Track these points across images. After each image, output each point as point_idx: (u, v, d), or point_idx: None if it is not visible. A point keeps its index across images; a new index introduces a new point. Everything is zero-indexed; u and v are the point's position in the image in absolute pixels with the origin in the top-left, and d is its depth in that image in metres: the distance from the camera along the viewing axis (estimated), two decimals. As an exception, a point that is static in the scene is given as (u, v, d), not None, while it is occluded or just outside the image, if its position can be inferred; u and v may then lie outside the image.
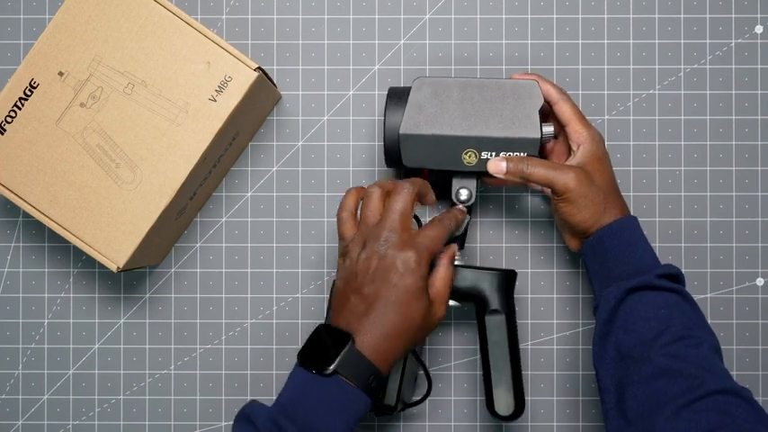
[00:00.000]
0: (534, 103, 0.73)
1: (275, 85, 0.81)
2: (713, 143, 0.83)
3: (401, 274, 0.65)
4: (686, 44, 0.83)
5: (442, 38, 0.83)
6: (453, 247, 0.71)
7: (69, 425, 0.83)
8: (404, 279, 0.65)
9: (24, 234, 0.84)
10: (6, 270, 0.84)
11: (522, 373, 0.78)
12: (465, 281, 0.74)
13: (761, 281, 0.82)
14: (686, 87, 0.83)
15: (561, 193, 0.71)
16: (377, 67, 0.83)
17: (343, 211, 0.70)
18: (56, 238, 0.83)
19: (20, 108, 0.72)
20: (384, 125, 0.74)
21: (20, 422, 0.83)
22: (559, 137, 0.78)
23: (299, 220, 0.83)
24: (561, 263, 0.83)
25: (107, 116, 0.72)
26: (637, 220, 0.72)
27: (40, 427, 0.83)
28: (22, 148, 0.72)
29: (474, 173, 0.75)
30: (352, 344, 0.63)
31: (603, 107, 0.83)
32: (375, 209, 0.68)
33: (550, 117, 0.76)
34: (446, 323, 0.83)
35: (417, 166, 0.74)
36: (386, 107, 0.75)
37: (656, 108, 0.83)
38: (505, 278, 0.74)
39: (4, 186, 0.72)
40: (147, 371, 0.83)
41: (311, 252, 0.83)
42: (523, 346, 0.83)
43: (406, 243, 0.66)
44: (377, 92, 0.83)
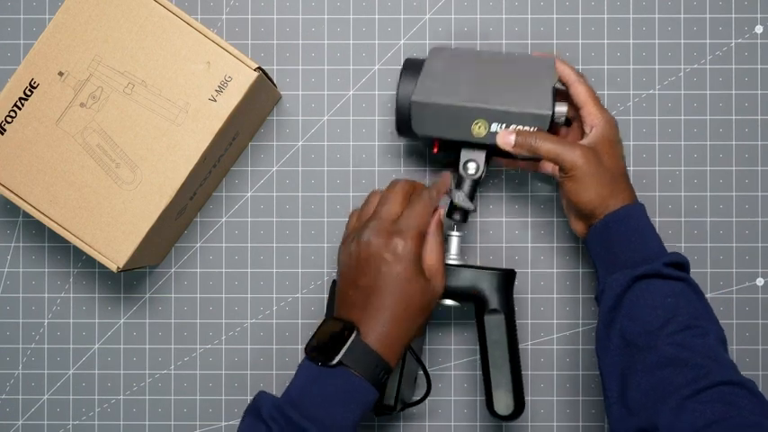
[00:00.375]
0: (549, 80, 0.72)
1: (275, 85, 0.81)
2: (713, 143, 0.83)
3: (389, 262, 0.66)
4: (686, 44, 0.83)
5: (442, 38, 0.83)
6: (438, 213, 0.70)
7: (69, 425, 0.83)
8: (393, 267, 0.66)
9: (24, 234, 0.84)
10: (6, 270, 0.84)
11: (522, 373, 0.78)
12: (464, 280, 0.74)
13: (761, 281, 0.82)
14: (686, 87, 0.83)
15: (568, 170, 0.70)
16: (377, 67, 0.83)
17: (351, 214, 0.73)
18: (56, 238, 0.83)
19: (20, 108, 0.72)
20: (397, 93, 0.74)
21: (20, 422, 0.83)
22: (574, 123, 0.77)
23: (298, 220, 0.83)
24: (561, 263, 0.83)
25: (107, 116, 0.72)
26: (644, 207, 0.71)
27: (40, 427, 0.83)
28: (22, 148, 0.72)
29: (483, 146, 0.74)
30: (357, 335, 0.64)
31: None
32: (371, 204, 0.71)
33: (567, 101, 0.76)
34: (446, 323, 0.83)
35: (427, 135, 0.74)
36: (400, 76, 0.74)
37: (656, 108, 0.83)
38: (504, 278, 0.74)
39: (4, 186, 0.72)
40: (147, 371, 0.83)
41: (311, 252, 0.83)
42: (523, 346, 0.83)
43: (388, 231, 0.67)
44: (377, 92, 0.83)
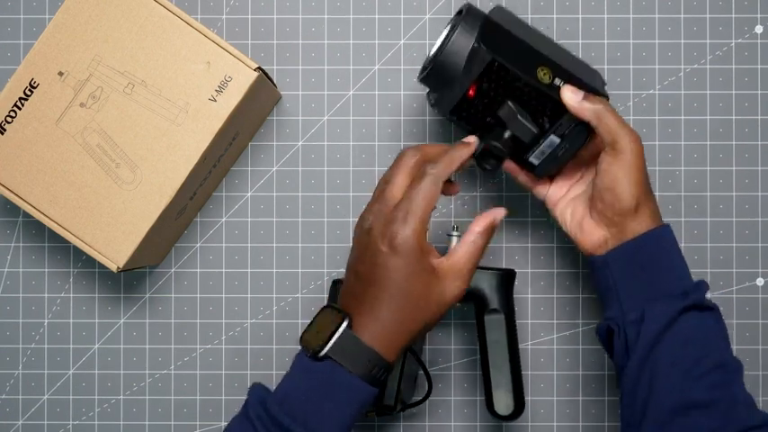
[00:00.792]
0: (600, 82, 0.72)
1: (275, 85, 0.81)
2: (713, 143, 0.83)
3: (385, 254, 0.59)
4: (686, 44, 0.83)
5: (442, 38, 0.83)
6: (496, 213, 0.64)
7: (69, 425, 0.83)
8: (390, 260, 0.59)
9: (24, 234, 0.84)
10: (6, 270, 0.84)
11: (522, 373, 0.78)
12: None
13: (761, 281, 0.82)
14: (686, 87, 0.83)
15: (621, 151, 0.64)
16: (377, 67, 0.83)
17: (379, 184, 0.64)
18: (56, 238, 0.83)
19: (20, 108, 0.72)
20: (451, 29, 0.68)
21: (20, 422, 0.83)
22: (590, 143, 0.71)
23: (298, 220, 0.83)
24: (561, 263, 0.83)
25: (107, 116, 0.72)
26: (671, 228, 0.67)
27: (40, 427, 0.83)
28: (22, 148, 0.72)
29: (540, 97, 0.67)
30: (348, 327, 0.59)
31: (603, 107, 0.83)
32: (384, 181, 0.63)
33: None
34: (446, 323, 0.83)
35: (497, 55, 0.65)
36: (456, 18, 0.69)
37: (656, 108, 0.83)
38: (504, 278, 0.74)
39: (4, 186, 0.72)
40: (147, 371, 0.84)
41: (311, 252, 0.83)
42: (523, 346, 0.83)
43: (387, 217, 0.60)
44: (377, 92, 0.83)
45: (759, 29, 0.83)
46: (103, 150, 0.72)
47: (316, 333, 0.61)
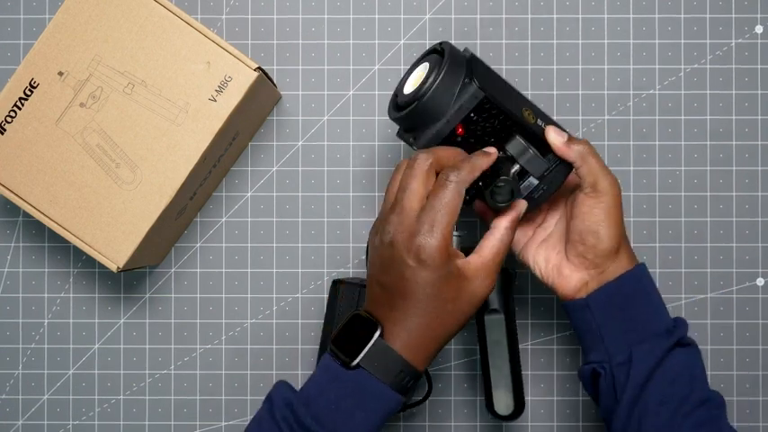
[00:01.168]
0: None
1: (275, 85, 0.81)
2: (713, 143, 0.83)
3: (413, 268, 0.58)
4: (686, 44, 0.83)
5: (442, 38, 0.83)
6: (520, 206, 0.63)
7: (69, 425, 0.83)
8: (418, 273, 0.58)
9: (24, 234, 0.84)
10: (6, 270, 0.84)
11: (522, 373, 0.78)
12: None
13: (761, 281, 0.82)
14: (686, 87, 0.83)
15: (603, 192, 0.65)
16: (377, 67, 0.83)
17: (387, 188, 0.63)
18: (56, 238, 0.83)
19: (20, 108, 0.72)
20: (429, 77, 0.65)
21: (20, 422, 0.83)
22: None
23: (298, 220, 0.83)
24: (561, 263, 0.83)
25: (107, 116, 0.72)
26: (646, 266, 0.68)
27: (40, 427, 0.83)
28: (22, 148, 0.72)
29: (526, 135, 0.66)
30: (380, 337, 0.59)
31: (603, 107, 0.83)
32: (393, 188, 0.62)
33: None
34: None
35: (487, 87, 0.64)
36: (426, 57, 0.68)
37: (656, 108, 0.83)
38: (504, 278, 0.74)
39: (4, 186, 0.73)
40: (147, 371, 0.84)
41: (311, 252, 0.83)
42: (523, 346, 0.83)
43: (410, 229, 0.58)
44: (377, 92, 0.83)
45: (759, 29, 0.83)
46: (103, 150, 0.72)
47: (348, 339, 0.60)
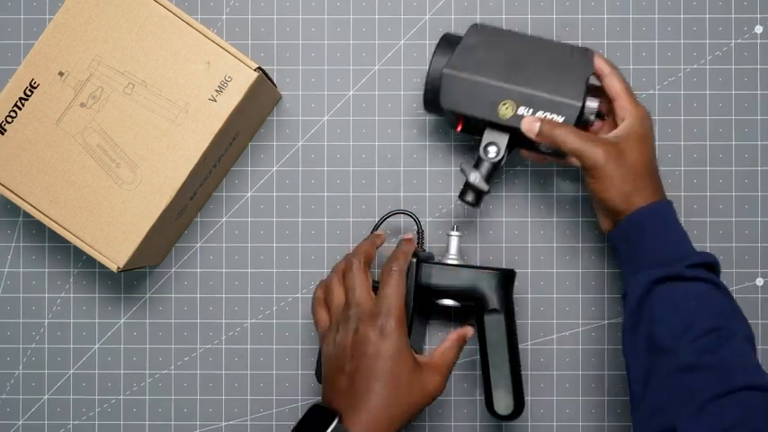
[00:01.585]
0: (584, 71, 0.72)
1: (275, 85, 0.81)
2: (713, 143, 0.83)
3: (375, 342, 0.65)
4: (686, 44, 0.83)
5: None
6: (466, 331, 0.71)
7: (69, 425, 0.83)
8: (379, 346, 0.65)
9: (24, 234, 0.84)
10: (6, 270, 0.84)
11: (522, 373, 0.78)
12: (463, 280, 0.74)
13: (761, 281, 0.82)
14: (686, 87, 0.83)
15: (589, 169, 0.69)
16: (377, 67, 0.83)
17: (315, 304, 0.72)
18: (56, 238, 0.83)
19: (20, 108, 0.72)
20: (429, 65, 0.74)
21: (20, 422, 0.83)
22: (608, 118, 0.76)
23: (298, 220, 0.83)
24: (561, 263, 0.83)
25: (107, 116, 0.72)
26: (671, 204, 0.70)
27: (40, 427, 0.83)
28: (22, 148, 0.72)
29: (507, 129, 0.72)
30: (339, 422, 0.63)
31: (603, 107, 0.83)
32: (337, 293, 0.70)
33: (600, 96, 0.74)
34: (446, 323, 0.83)
35: (453, 110, 0.73)
36: (435, 49, 0.74)
37: (656, 108, 0.83)
38: (504, 278, 0.74)
39: (4, 186, 0.73)
40: (148, 371, 0.84)
41: (311, 252, 0.83)
42: (523, 346, 0.83)
43: (371, 313, 0.67)
44: (377, 92, 0.83)
45: (759, 29, 0.83)
46: (104, 150, 0.72)
47: (308, 430, 0.64)
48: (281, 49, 0.84)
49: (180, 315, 0.84)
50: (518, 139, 0.73)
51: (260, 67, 0.72)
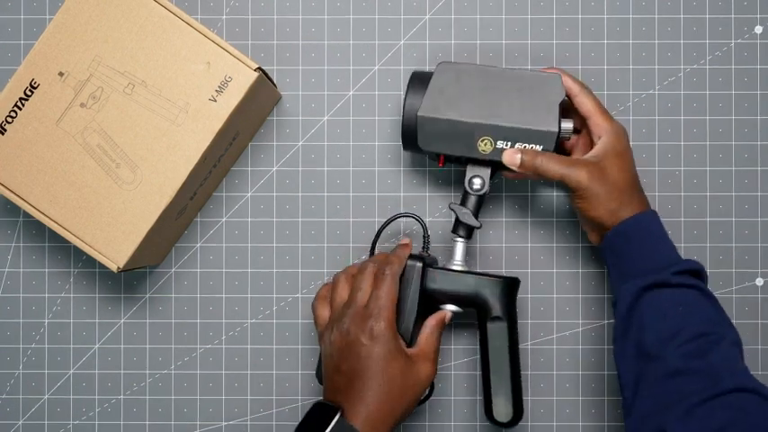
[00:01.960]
0: (555, 97, 0.72)
1: (275, 85, 0.81)
2: (713, 143, 0.83)
3: (367, 345, 0.68)
4: (686, 44, 0.83)
5: (442, 38, 0.83)
6: (443, 314, 0.74)
7: (69, 425, 0.83)
8: (371, 348, 0.68)
9: (24, 234, 0.84)
10: (6, 270, 0.84)
11: (522, 374, 0.78)
12: (467, 287, 0.74)
13: (761, 281, 0.82)
14: (686, 87, 0.83)
15: (574, 191, 0.71)
16: (377, 68, 0.83)
17: (317, 301, 0.74)
18: (56, 238, 0.83)
19: (20, 108, 0.72)
20: (403, 107, 0.74)
21: (20, 422, 0.83)
22: (583, 130, 0.77)
23: (298, 220, 0.83)
24: (561, 263, 0.83)
25: (107, 116, 0.72)
26: (656, 214, 0.72)
27: (40, 427, 0.83)
28: (22, 148, 0.72)
29: (489, 162, 0.74)
30: (341, 417, 0.65)
31: (603, 107, 0.83)
32: (341, 292, 0.72)
33: (572, 113, 0.76)
34: (447, 326, 0.83)
35: (433, 150, 0.74)
36: (407, 89, 0.75)
37: (655, 108, 0.83)
38: (508, 285, 0.74)
39: (4, 186, 0.73)
40: (148, 371, 0.84)
41: (311, 252, 0.83)
42: (523, 346, 0.83)
43: (362, 315, 0.69)
44: (377, 92, 0.83)
45: (759, 29, 0.83)
46: (104, 150, 0.72)
47: (311, 426, 0.66)
48: (281, 49, 0.84)
49: (180, 315, 0.84)
50: (500, 166, 0.74)
51: (260, 68, 0.72)
